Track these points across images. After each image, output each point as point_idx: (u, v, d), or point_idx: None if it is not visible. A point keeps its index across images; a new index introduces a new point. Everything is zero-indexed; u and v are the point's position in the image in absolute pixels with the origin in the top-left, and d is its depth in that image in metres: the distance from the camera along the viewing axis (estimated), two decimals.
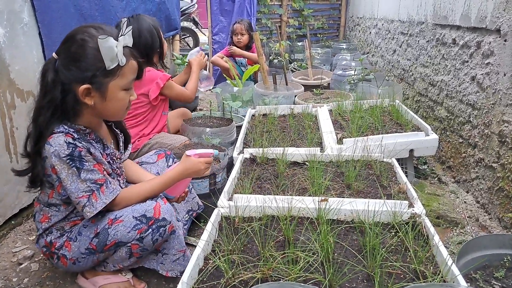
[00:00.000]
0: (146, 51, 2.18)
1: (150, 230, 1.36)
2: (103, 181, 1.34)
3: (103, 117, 1.45)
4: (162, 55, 2.30)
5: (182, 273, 1.45)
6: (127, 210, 1.39)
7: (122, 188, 1.54)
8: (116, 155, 1.53)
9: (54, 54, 1.32)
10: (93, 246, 1.38)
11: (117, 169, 1.52)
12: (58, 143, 1.27)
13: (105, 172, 1.37)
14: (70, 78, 1.28)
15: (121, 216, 1.37)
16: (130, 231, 1.35)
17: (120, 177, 1.55)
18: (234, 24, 4.09)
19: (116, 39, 1.26)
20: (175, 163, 1.87)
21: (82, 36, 1.27)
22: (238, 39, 4.02)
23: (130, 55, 1.33)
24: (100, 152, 1.40)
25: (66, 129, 1.31)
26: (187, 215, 1.85)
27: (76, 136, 1.31)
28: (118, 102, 1.36)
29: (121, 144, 1.59)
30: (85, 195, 1.31)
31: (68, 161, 1.28)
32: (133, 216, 1.36)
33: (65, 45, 1.29)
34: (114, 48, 1.25)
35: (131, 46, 1.34)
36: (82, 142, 1.32)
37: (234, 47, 4.06)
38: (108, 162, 1.45)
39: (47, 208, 1.42)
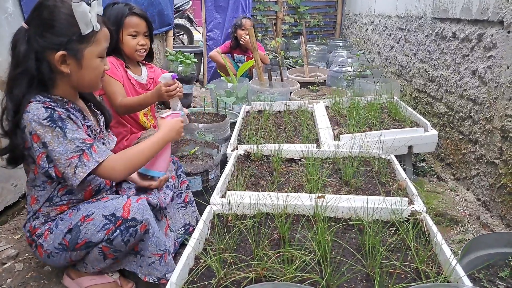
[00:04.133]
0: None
1: (118, 231, 1.29)
2: (92, 141, 1.29)
3: (79, 88, 1.40)
4: (121, 51, 2.02)
5: (159, 279, 1.38)
6: (98, 207, 1.32)
7: None
8: (97, 130, 1.47)
9: (23, 24, 1.28)
10: (66, 242, 1.32)
11: None
12: (36, 108, 1.23)
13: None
14: (43, 45, 1.25)
15: (92, 214, 1.31)
16: (100, 230, 1.29)
17: None
18: (242, 18, 4.10)
19: (89, 4, 1.23)
20: (182, 172, 1.80)
21: (54, 2, 1.24)
22: (246, 33, 3.96)
23: (102, 22, 1.32)
24: (81, 122, 1.35)
25: (42, 98, 1.27)
26: (183, 228, 1.75)
27: (53, 104, 1.27)
28: (93, 71, 1.33)
29: (101, 124, 1.53)
30: (75, 155, 1.24)
31: (49, 123, 1.22)
32: (103, 215, 1.30)
33: (36, 12, 1.26)
34: (88, 13, 1.23)
35: (101, 14, 1.33)
36: (61, 109, 1.28)
37: (248, 38, 3.92)
38: (88, 135, 1.38)
39: (34, 189, 1.37)
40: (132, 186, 1.64)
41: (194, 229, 1.79)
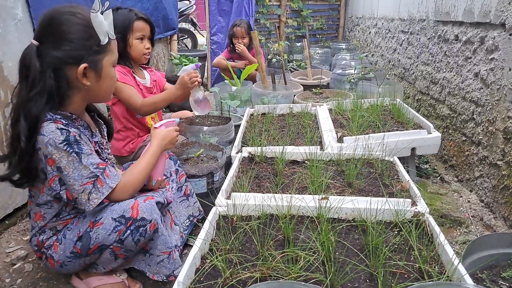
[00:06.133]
0: None
1: (129, 231, 1.31)
2: (104, 165, 1.30)
3: (93, 100, 1.42)
4: (128, 57, 2.08)
5: (168, 277, 1.41)
6: (105, 212, 1.33)
7: None
8: (104, 144, 1.49)
9: (33, 41, 1.24)
10: (78, 250, 1.34)
11: (106, 160, 1.48)
12: (50, 130, 1.22)
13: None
14: (62, 59, 1.22)
15: (101, 218, 1.32)
16: (111, 233, 1.31)
17: None
18: (234, 27, 3.99)
19: (102, 14, 1.25)
20: (179, 166, 1.84)
21: (66, 16, 1.23)
22: (239, 43, 3.95)
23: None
24: (89, 139, 1.36)
25: (52, 116, 1.25)
26: (187, 220, 1.79)
27: (65, 122, 1.27)
28: (110, 80, 1.35)
29: (104, 134, 1.55)
30: (89, 181, 1.26)
31: (65, 147, 1.22)
32: (112, 218, 1.31)
33: (49, 27, 1.23)
34: (103, 22, 1.24)
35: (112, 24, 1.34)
36: (73, 128, 1.28)
37: (243, 47, 3.94)
38: (97, 151, 1.40)
39: (38, 207, 1.37)
40: None
41: (197, 219, 1.84)
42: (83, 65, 1.24)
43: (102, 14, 1.25)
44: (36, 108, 1.22)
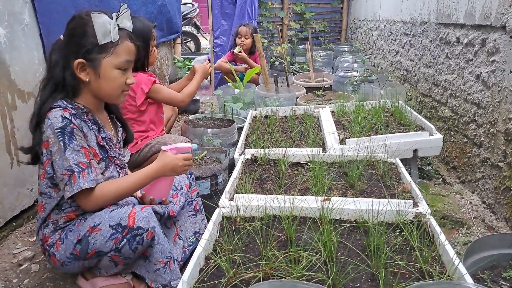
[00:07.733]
0: None
1: (125, 240, 1.31)
2: (85, 166, 1.32)
3: (100, 97, 1.45)
4: (147, 63, 2.19)
5: (164, 286, 1.40)
6: (104, 218, 1.34)
7: None
8: (114, 142, 1.52)
9: (61, 36, 1.39)
10: (77, 252, 1.36)
11: (115, 158, 1.51)
12: (54, 116, 1.31)
13: (91, 160, 1.36)
14: (67, 53, 1.35)
15: (99, 224, 1.33)
16: (108, 240, 1.32)
17: (119, 168, 1.54)
18: (240, 26, 4.07)
19: (111, 17, 1.33)
20: (193, 180, 1.82)
21: (82, 15, 1.35)
22: (241, 41, 3.99)
23: (126, 37, 1.39)
24: (95, 134, 1.42)
25: (64, 104, 1.35)
26: (193, 236, 1.73)
27: (73, 112, 1.35)
28: (111, 81, 1.39)
29: (119, 135, 1.58)
30: (67, 173, 1.30)
31: (58, 134, 1.29)
32: (109, 225, 1.32)
33: (68, 24, 1.37)
34: (107, 24, 1.31)
35: (130, 30, 1.40)
36: (77, 120, 1.35)
37: (243, 53, 3.99)
38: (103, 146, 1.45)
39: (41, 198, 1.42)
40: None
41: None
42: (78, 60, 1.33)
43: (117, 18, 1.33)
44: (44, 93, 1.37)
